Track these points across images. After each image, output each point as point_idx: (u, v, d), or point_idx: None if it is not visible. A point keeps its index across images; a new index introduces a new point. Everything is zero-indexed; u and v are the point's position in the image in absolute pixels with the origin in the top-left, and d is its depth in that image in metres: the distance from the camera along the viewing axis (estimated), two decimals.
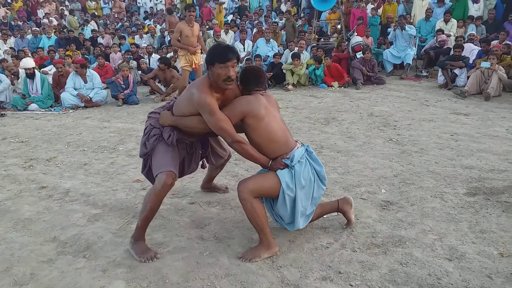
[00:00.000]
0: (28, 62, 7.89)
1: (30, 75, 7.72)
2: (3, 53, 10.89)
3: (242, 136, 2.64)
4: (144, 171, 3.03)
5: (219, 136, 2.99)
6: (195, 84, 2.70)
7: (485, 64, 7.09)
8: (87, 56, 10.84)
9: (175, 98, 3.00)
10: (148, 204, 2.69)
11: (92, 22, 13.97)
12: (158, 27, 13.26)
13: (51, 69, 9.17)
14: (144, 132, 2.93)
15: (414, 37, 9.34)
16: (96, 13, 15.67)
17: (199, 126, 2.67)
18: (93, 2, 16.41)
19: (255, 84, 2.71)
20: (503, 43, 8.12)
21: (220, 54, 2.55)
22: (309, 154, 2.71)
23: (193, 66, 7.03)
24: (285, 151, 2.62)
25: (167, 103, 3.00)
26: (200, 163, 3.22)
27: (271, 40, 10.22)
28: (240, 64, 9.75)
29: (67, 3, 17.11)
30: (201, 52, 7.24)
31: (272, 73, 8.70)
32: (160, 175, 2.70)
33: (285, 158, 2.60)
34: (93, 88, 7.84)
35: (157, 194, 2.68)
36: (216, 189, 3.69)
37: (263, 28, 10.94)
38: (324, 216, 3.02)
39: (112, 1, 16.08)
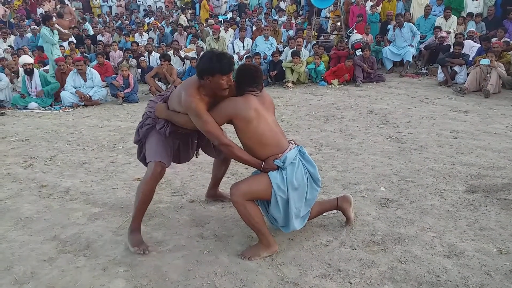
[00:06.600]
0: (27, 58, 7.94)
1: (29, 72, 7.72)
2: (3, 51, 10.88)
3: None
4: (140, 156, 3.09)
5: None
6: (184, 85, 2.67)
7: (484, 61, 7.08)
8: (87, 55, 10.84)
9: (175, 87, 3.00)
10: (140, 192, 2.77)
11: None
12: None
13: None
14: (142, 118, 2.97)
15: (414, 35, 9.32)
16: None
17: (191, 125, 2.66)
18: (97, 1, 16.38)
19: (249, 84, 2.66)
20: (502, 40, 8.11)
21: (223, 66, 2.48)
22: (302, 155, 2.69)
23: None
24: (277, 153, 2.60)
25: (165, 91, 3.00)
26: (195, 151, 3.18)
27: (270, 37, 10.19)
28: (239, 62, 9.75)
29: (66, 1, 17.08)
30: None
31: (276, 72, 8.66)
32: (150, 163, 2.79)
33: (277, 159, 2.58)
34: (93, 87, 7.85)
35: (148, 182, 2.76)
36: (222, 197, 3.48)
37: (262, 25, 10.91)
38: (323, 214, 3.03)
39: None
